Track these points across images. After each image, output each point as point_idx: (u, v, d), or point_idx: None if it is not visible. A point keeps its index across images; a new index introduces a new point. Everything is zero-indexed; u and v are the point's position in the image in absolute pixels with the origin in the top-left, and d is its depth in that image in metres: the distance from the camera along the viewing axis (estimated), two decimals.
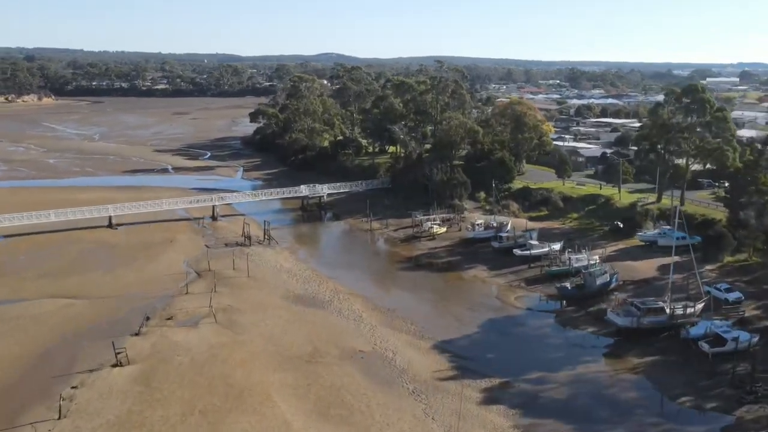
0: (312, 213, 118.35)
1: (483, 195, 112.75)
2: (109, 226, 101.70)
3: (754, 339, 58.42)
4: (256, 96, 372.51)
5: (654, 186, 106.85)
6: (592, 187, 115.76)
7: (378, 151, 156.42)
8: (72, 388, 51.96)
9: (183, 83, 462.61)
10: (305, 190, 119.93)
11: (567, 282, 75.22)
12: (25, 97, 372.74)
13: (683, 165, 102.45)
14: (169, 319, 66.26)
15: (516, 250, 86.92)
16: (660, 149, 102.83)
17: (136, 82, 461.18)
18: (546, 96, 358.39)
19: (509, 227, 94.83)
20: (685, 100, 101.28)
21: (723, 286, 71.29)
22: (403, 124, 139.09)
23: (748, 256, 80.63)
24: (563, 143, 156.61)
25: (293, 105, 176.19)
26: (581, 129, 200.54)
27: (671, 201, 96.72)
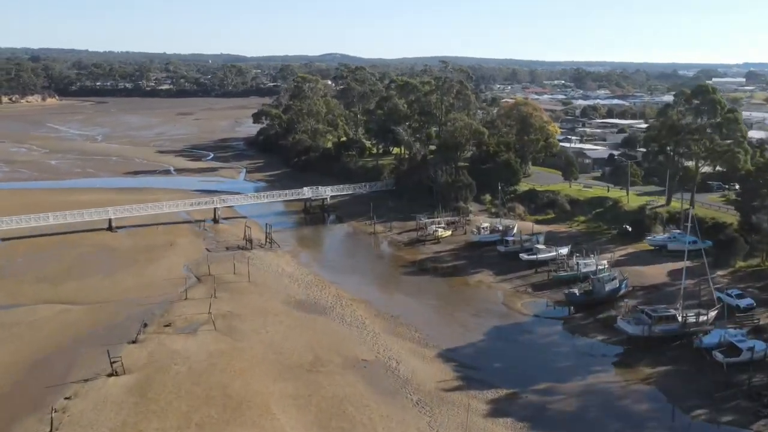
0: (315, 215, 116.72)
1: (488, 197, 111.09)
2: (109, 228, 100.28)
3: None
4: (260, 96, 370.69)
5: (663, 188, 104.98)
6: (599, 190, 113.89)
7: (382, 153, 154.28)
8: (65, 398, 50.41)
9: (187, 83, 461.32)
10: (308, 192, 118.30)
11: (575, 288, 73.41)
12: (29, 98, 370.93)
13: (693, 167, 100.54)
14: (168, 326, 64.74)
15: (522, 254, 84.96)
16: (669, 151, 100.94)
17: (140, 82, 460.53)
18: (551, 96, 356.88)
19: (515, 231, 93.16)
20: (695, 101, 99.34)
21: (734, 291, 69.24)
22: (408, 125, 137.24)
23: (760, 261, 78.76)
24: (569, 144, 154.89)
25: (296, 106, 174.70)
26: (587, 130, 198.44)
27: (681, 204, 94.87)
